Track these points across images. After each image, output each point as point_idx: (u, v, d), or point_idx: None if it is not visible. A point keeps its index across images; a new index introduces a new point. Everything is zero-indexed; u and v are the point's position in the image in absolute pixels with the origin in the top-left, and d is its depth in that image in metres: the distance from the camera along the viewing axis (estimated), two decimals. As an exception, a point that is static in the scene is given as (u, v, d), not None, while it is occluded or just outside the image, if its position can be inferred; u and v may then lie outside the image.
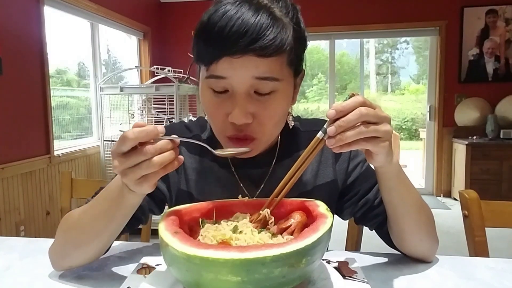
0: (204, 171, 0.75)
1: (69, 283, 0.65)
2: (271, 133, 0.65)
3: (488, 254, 0.86)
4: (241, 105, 0.59)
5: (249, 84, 0.59)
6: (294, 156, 0.75)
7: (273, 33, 0.56)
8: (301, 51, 0.65)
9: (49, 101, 2.72)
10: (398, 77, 14.28)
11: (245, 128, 0.62)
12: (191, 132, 0.79)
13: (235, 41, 0.55)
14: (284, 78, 0.61)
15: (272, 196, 0.62)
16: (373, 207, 0.74)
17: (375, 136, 0.53)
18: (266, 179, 0.74)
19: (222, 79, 0.59)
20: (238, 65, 0.57)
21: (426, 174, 4.68)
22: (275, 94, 0.61)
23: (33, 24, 2.59)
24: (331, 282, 0.60)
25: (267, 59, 0.57)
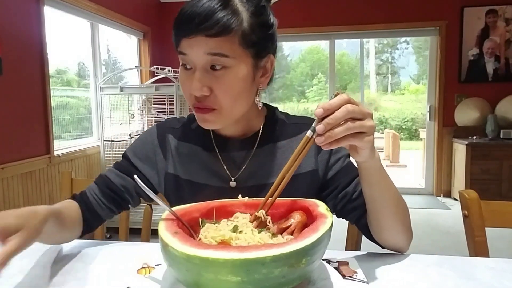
0: (190, 155, 0.82)
1: (69, 283, 0.65)
2: (230, 106, 0.71)
3: (488, 254, 0.86)
4: (198, 79, 0.68)
5: (204, 60, 0.67)
6: (277, 144, 0.82)
7: (219, 17, 0.65)
8: (262, 37, 0.71)
9: (49, 101, 2.71)
10: (398, 77, 14.28)
11: (204, 99, 0.69)
12: (179, 123, 0.88)
13: (188, 24, 0.66)
14: (237, 57, 0.68)
15: (267, 196, 0.63)
16: (352, 200, 0.78)
17: (361, 132, 0.57)
18: (247, 161, 0.80)
19: (185, 55, 0.69)
20: (193, 43, 0.67)
21: (426, 174, 4.68)
22: (228, 70, 0.68)
23: (33, 24, 2.59)
24: (331, 282, 0.60)
25: (216, 38, 0.65)
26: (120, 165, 0.87)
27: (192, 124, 0.86)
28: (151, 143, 0.86)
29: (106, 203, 0.83)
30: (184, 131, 0.86)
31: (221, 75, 0.68)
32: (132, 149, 0.87)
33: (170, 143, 0.85)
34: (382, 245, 0.76)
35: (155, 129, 0.88)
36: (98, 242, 0.84)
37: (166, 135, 0.86)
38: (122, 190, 0.84)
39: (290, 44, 13.32)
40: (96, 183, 0.86)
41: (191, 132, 0.85)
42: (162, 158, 0.84)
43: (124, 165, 0.86)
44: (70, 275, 0.68)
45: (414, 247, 0.74)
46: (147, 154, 0.85)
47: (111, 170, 0.87)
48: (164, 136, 0.86)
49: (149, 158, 0.85)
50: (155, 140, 0.86)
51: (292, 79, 13.52)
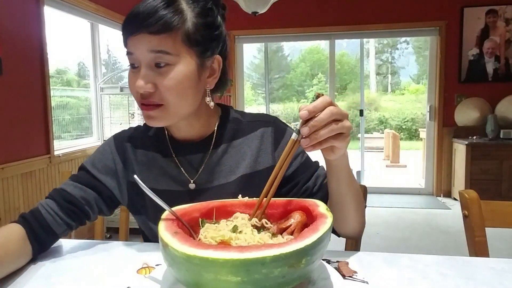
0: (149, 162, 0.83)
1: (69, 283, 0.65)
2: (174, 103, 0.71)
3: (488, 254, 0.86)
4: (143, 75, 0.70)
5: (148, 57, 0.69)
6: (232, 143, 0.83)
7: (161, 14, 0.67)
8: (207, 37, 0.73)
9: (49, 101, 2.71)
10: (398, 77, 14.29)
11: (149, 96, 0.71)
12: (136, 131, 0.89)
13: (132, 23, 0.69)
14: (180, 54, 0.70)
15: (261, 197, 0.63)
16: (313, 193, 0.81)
17: (340, 132, 0.59)
18: (204, 163, 0.81)
19: (131, 55, 0.71)
20: (137, 41, 0.69)
21: (426, 174, 4.68)
22: (171, 67, 0.69)
23: (33, 24, 2.59)
24: (331, 282, 0.60)
25: (158, 35, 0.67)
26: (78, 177, 0.83)
27: (149, 131, 0.87)
28: (110, 153, 0.85)
29: (64, 217, 0.78)
30: (141, 139, 0.86)
31: (164, 72, 0.69)
32: (91, 161, 0.85)
33: (129, 152, 0.85)
34: (341, 234, 0.80)
35: (113, 139, 0.87)
36: (98, 242, 0.84)
37: (124, 144, 0.86)
38: (82, 203, 0.80)
39: (290, 44, 13.34)
40: (52, 197, 0.80)
41: (149, 140, 0.85)
42: (122, 167, 0.84)
43: (83, 177, 0.83)
44: (70, 275, 0.68)
45: (414, 247, 0.74)
46: (107, 165, 0.84)
47: (68, 183, 0.82)
48: (122, 146, 0.85)
49: (110, 169, 0.84)
50: (114, 150, 0.85)
51: (292, 79, 13.53)
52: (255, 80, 12.99)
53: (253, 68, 12.98)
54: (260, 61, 12.69)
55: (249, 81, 12.29)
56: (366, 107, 9.33)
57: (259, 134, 0.84)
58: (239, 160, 0.82)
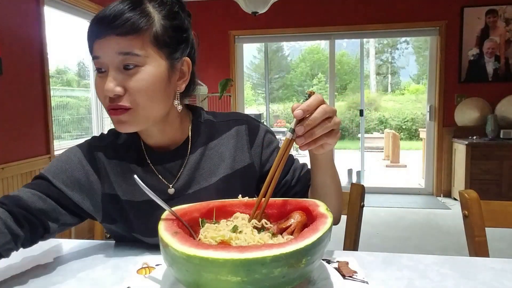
0: (124, 173, 0.79)
1: (69, 283, 0.65)
2: (145, 105, 0.70)
3: (488, 254, 0.86)
4: (111, 79, 0.68)
5: (117, 60, 0.68)
6: (208, 145, 0.82)
7: (128, 16, 0.67)
8: (175, 39, 0.73)
9: (49, 101, 2.72)
10: (398, 77, 14.29)
11: (118, 99, 0.69)
12: (104, 141, 0.82)
13: (98, 26, 0.68)
14: (150, 56, 0.69)
15: (259, 197, 0.63)
16: (292, 186, 0.84)
17: (332, 129, 0.61)
18: (182, 170, 0.80)
19: (97, 59, 0.70)
20: (104, 44, 0.68)
21: (426, 174, 4.68)
22: (140, 69, 0.68)
23: (33, 24, 2.59)
24: (331, 282, 0.60)
25: (126, 37, 0.67)
26: (37, 186, 0.73)
27: (119, 139, 0.82)
28: (79, 164, 0.77)
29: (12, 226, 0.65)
30: (113, 149, 0.81)
31: (133, 74, 0.68)
32: (53, 172, 0.75)
33: (102, 162, 0.79)
34: None
35: (80, 150, 0.80)
36: (98, 242, 0.84)
37: (96, 154, 0.79)
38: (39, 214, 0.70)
39: (290, 44, 13.34)
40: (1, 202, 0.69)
41: (120, 149, 0.81)
42: (96, 178, 0.78)
43: (42, 186, 0.73)
44: (70, 275, 0.68)
45: (414, 247, 0.74)
46: (74, 177, 0.76)
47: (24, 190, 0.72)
48: (92, 155, 0.79)
49: (77, 181, 0.76)
50: (84, 161, 0.78)
51: (292, 79, 13.54)
52: (255, 80, 12.99)
53: (253, 68, 12.98)
54: (260, 61, 12.70)
55: (249, 81, 12.30)
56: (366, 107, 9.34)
57: (234, 133, 0.85)
58: (218, 162, 0.82)
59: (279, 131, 8.35)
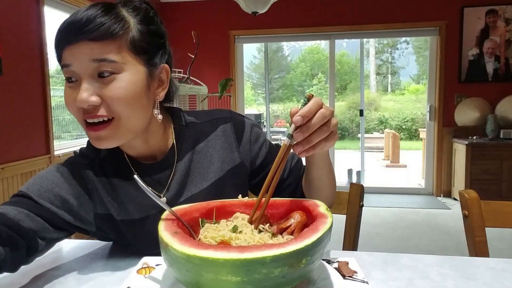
0: (114, 189, 0.74)
1: (69, 283, 0.65)
2: (126, 115, 0.65)
3: (488, 254, 0.86)
4: (84, 88, 0.62)
5: (90, 68, 0.63)
6: (195, 149, 0.79)
7: (102, 20, 0.62)
8: (153, 44, 0.69)
9: (49, 101, 2.72)
10: (398, 77, 14.29)
11: (94, 110, 0.63)
12: (87, 158, 0.76)
13: (68, 32, 0.62)
14: (127, 63, 0.65)
15: (256, 201, 0.62)
16: (284, 179, 0.84)
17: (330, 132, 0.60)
18: (171, 178, 0.76)
19: (68, 68, 0.64)
20: (76, 51, 0.62)
21: (426, 174, 4.68)
22: (117, 76, 0.64)
23: (33, 24, 2.59)
24: (331, 282, 0.60)
25: (100, 42, 0.62)
26: (22, 204, 0.66)
27: (100, 153, 0.76)
28: (67, 184, 0.71)
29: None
30: (98, 165, 0.75)
31: (110, 81, 0.63)
32: (36, 190, 0.68)
33: (92, 181, 0.74)
34: None
35: (65, 168, 0.73)
36: (98, 242, 0.84)
37: (82, 172, 0.74)
38: (27, 233, 0.63)
39: (290, 44, 13.34)
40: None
41: (105, 164, 0.75)
42: (88, 199, 0.73)
43: (29, 204, 0.66)
44: (70, 275, 0.68)
45: (414, 247, 0.74)
46: (62, 197, 0.70)
47: (8, 208, 0.65)
48: (80, 174, 0.74)
49: (67, 202, 0.70)
50: (72, 181, 0.72)
51: (292, 79, 13.54)
52: (255, 80, 12.99)
53: (253, 68, 12.98)
54: (260, 61, 12.70)
55: (249, 81, 12.30)
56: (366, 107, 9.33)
57: (220, 133, 0.82)
58: (207, 165, 0.79)
59: (279, 131, 8.35)
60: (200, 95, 3.46)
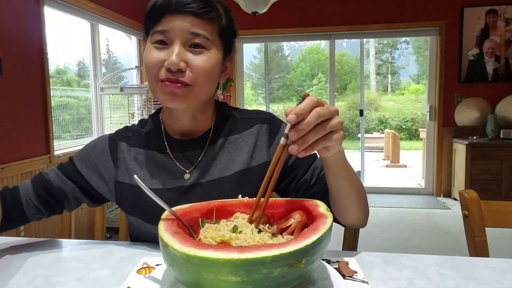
0: (145, 160, 0.83)
1: (69, 283, 0.65)
2: (202, 85, 0.74)
3: (488, 254, 0.86)
4: (178, 52, 0.71)
5: (186, 38, 0.72)
6: (228, 138, 0.85)
7: (208, 2, 0.73)
8: (231, 36, 0.81)
9: (49, 101, 2.71)
10: (398, 77, 14.29)
11: (179, 74, 0.72)
12: (131, 131, 0.88)
13: (177, 3, 0.71)
14: (214, 43, 0.75)
15: (256, 199, 0.62)
16: (310, 186, 0.82)
17: (331, 131, 0.58)
18: (200, 158, 0.82)
19: (164, 33, 0.72)
20: (179, 20, 0.71)
21: (426, 174, 4.68)
22: (205, 52, 0.74)
23: (33, 24, 2.59)
24: (331, 282, 0.60)
25: (201, 20, 0.72)
26: (64, 168, 0.86)
27: (143, 128, 0.87)
28: (101, 151, 0.85)
29: (36, 203, 0.82)
30: (137, 137, 0.86)
31: (199, 53, 0.73)
32: (80, 155, 0.86)
33: (123, 151, 0.84)
34: (344, 224, 0.81)
35: (107, 137, 0.88)
36: (98, 242, 0.84)
37: (119, 143, 0.85)
38: (57, 193, 0.83)
39: (290, 44, 13.33)
40: (32, 181, 0.84)
41: (144, 138, 0.85)
42: (112, 166, 0.84)
43: (68, 169, 0.85)
44: (70, 275, 0.68)
45: (414, 247, 0.74)
46: (94, 162, 0.85)
47: (53, 170, 0.86)
48: (116, 144, 0.85)
49: (96, 167, 0.84)
50: (106, 148, 0.85)
51: (292, 79, 13.53)
52: (255, 80, 12.99)
53: (253, 68, 12.97)
54: (260, 61, 12.69)
55: (249, 81, 12.29)
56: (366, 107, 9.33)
57: (255, 131, 0.86)
58: (235, 156, 0.82)
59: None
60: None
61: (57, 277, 0.67)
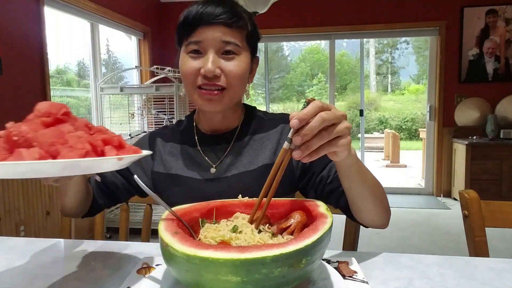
0: (177, 153, 0.93)
1: (69, 283, 0.65)
2: (235, 88, 0.82)
3: (488, 254, 0.86)
4: (212, 60, 0.78)
5: (219, 46, 0.79)
6: (254, 136, 0.91)
7: (235, 13, 0.80)
8: (256, 40, 0.88)
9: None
10: (398, 77, 14.29)
11: (214, 79, 0.79)
12: (167, 128, 0.99)
13: (209, 15, 0.78)
14: (243, 49, 0.82)
15: (258, 200, 0.62)
16: (328, 183, 0.83)
17: (338, 136, 0.58)
18: (226, 153, 0.89)
19: (198, 43, 0.79)
20: (211, 31, 0.79)
21: (426, 174, 4.68)
22: (236, 57, 0.81)
23: (33, 24, 2.59)
24: (331, 282, 0.60)
25: (231, 29, 0.79)
26: None
27: (180, 126, 0.97)
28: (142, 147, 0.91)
29: (100, 195, 0.92)
30: (172, 134, 0.96)
31: (231, 59, 0.80)
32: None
33: (159, 146, 0.95)
34: (363, 224, 0.80)
35: (148, 134, 0.99)
36: (98, 242, 0.84)
37: (156, 139, 0.96)
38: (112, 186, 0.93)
39: (290, 44, 13.32)
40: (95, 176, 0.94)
41: (178, 133, 0.96)
42: (149, 158, 0.94)
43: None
44: (70, 275, 0.68)
45: (414, 247, 0.74)
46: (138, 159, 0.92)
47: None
48: (154, 140, 0.96)
49: (139, 161, 0.93)
50: (146, 143, 0.96)
51: (292, 79, 13.53)
52: (255, 80, 12.89)
53: (253, 68, 12.94)
54: (260, 61, 12.68)
55: (249, 81, 12.26)
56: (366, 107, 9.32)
57: (279, 130, 0.91)
58: (259, 153, 0.88)
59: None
60: (200, 95, 3.47)
61: (57, 277, 0.67)
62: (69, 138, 0.52)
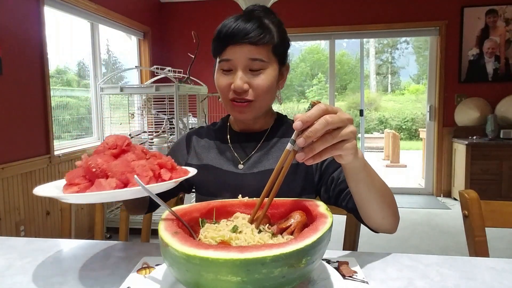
0: (209, 147, 1.01)
1: (69, 283, 0.65)
2: (263, 99, 0.88)
3: (488, 254, 0.86)
4: (241, 77, 0.86)
5: (245, 63, 0.85)
6: (281, 139, 0.96)
7: (260, 32, 0.84)
8: (284, 48, 0.92)
9: (49, 101, 2.71)
10: (398, 77, 14.29)
11: (243, 93, 0.86)
12: (203, 128, 1.07)
13: (235, 35, 0.84)
14: (270, 62, 0.87)
15: (259, 201, 0.62)
16: (338, 184, 0.86)
17: (342, 140, 0.58)
18: (255, 150, 0.96)
19: (228, 61, 0.86)
20: (238, 50, 0.85)
21: (426, 174, 4.68)
22: (263, 71, 0.87)
23: (33, 24, 2.59)
24: (331, 282, 0.60)
25: (257, 47, 0.84)
26: None
27: (215, 126, 1.05)
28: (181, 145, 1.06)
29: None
30: (207, 132, 1.05)
31: (258, 74, 0.86)
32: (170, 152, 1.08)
33: (193, 142, 1.04)
34: (372, 229, 0.80)
35: (185, 135, 1.08)
36: (98, 242, 0.84)
37: (192, 136, 1.05)
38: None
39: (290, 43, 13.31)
40: None
41: (212, 131, 1.04)
42: (185, 153, 1.03)
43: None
44: (70, 275, 0.68)
45: (414, 247, 0.74)
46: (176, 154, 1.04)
47: None
48: (190, 137, 1.05)
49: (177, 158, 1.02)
50: (184, 141, 1.05)
51: (292, 79, 13.53)
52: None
53: (253, 68, 12.94)
54: (260, 61, 12.65)
55: (249, 81, 12.26)
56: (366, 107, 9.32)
57: None
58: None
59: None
60: (200, 95, 3.46)
61: (57, 277, 0.67)
62: (135, 167, 0.63)
